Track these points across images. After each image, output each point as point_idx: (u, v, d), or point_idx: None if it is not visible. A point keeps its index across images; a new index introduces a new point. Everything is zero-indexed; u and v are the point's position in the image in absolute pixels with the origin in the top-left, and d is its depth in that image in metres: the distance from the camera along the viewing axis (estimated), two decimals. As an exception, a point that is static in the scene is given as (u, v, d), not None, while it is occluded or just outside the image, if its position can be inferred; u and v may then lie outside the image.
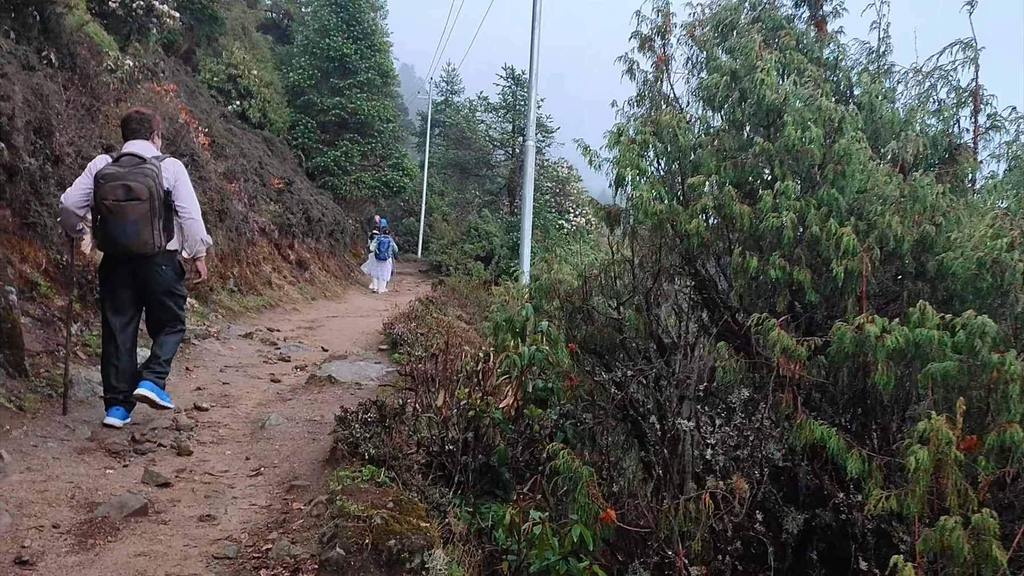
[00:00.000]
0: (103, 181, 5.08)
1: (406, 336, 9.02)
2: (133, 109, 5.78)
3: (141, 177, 5.07)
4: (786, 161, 3.88)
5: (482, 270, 30.69)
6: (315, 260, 20.05)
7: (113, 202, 5.02)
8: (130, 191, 5.02)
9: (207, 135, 16.37)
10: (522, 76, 38.67)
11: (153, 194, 5.07)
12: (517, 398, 4.54)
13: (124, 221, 5.03)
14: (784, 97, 3.89)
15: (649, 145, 4.25)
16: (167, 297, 5.47)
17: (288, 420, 5.84)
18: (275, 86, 27.43)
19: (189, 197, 5.40)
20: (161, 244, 5.19)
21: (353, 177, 29.33)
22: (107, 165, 5.18)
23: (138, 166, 5.13)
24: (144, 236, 5.08)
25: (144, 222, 5.06)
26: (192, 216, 5.37)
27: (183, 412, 5.93)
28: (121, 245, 5.13)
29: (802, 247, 3.71)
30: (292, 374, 8.12)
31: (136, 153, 5.22)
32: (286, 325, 12.18)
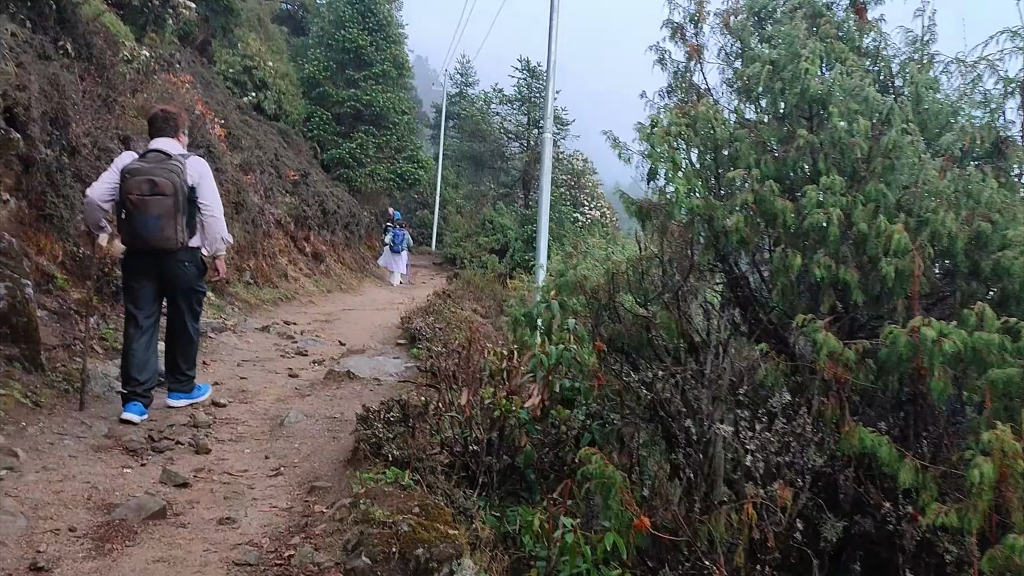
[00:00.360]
0: (129, 175, 5.14)
1: (424, 331, 8.90)
2: (160, 107, 5.82)
3: (166, 173, 5.14)
4: (831, 155, 3.72)
5: (497, 263, 30.55)
6: (331, 252, 19.96)
7: (138, 196, 5.09)
8: (155, 186, 5.10)
9: (223, 126, 16.29)
10: (537, 68, 38.45)
11: (177, 190, 5.15)
12: (544, 398, 4.41)
13: (148, 215, 5.11)
14: (829, 87, 3.72)
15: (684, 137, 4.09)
16: (188, 293, 5.55)
17: (307, 417, 5.73)
18: (290, 78, 27.33)
19: (212, 195, 5.47)
20: (184, 240, 5.26)
21: (368, 169, 29.23)
22: (133, 160, 5.26)
23: (163, 162, 5.20)
24: (167, 231, 5.15)
25: (168, 217, 5.13)
26: (215, 214, 5.44)
27: (200, 408, 5.83)
28: (144, 239, 5.20)
29: (848, 245, 3.55)
30: (310, 369, 8.02)
31: (162, 149, 5.30)
32: (303, 318, 12.09)
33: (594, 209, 36.86)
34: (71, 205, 7.76)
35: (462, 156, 44.26)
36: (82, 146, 8.16)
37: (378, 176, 29.64)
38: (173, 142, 5.45)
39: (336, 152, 28.63)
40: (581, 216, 35.58)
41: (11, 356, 5.39)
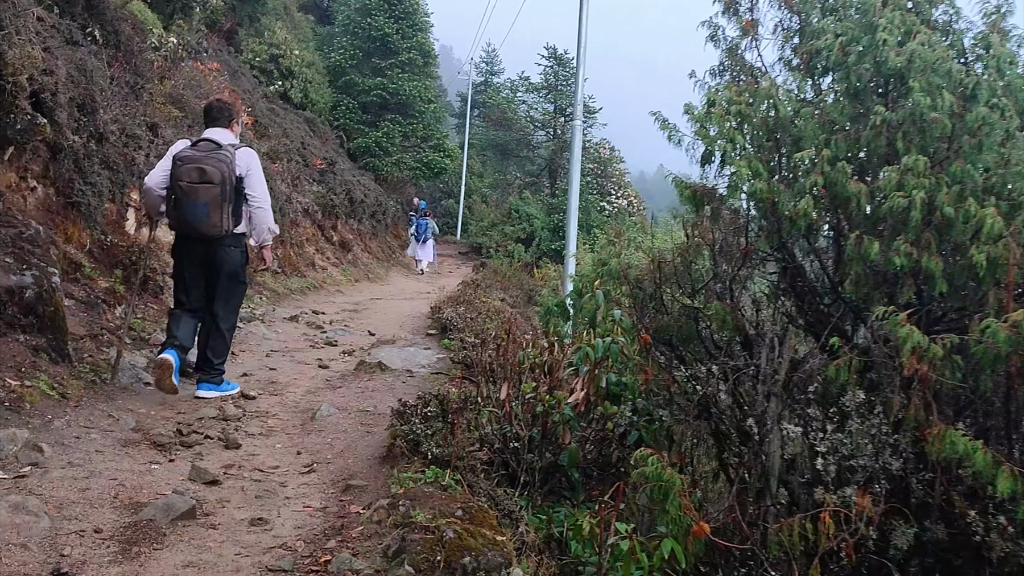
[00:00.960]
0: (180, 163, 5.32)
1: (455, 321, 8.70)
2: (216, 97, 6.05)
3: (215, 162, 5.29)
4: (910, 133, 3.44)
5: (523, 252, 30.37)
6: (358, 241, 19.84)
7: (187, 183, 5.26)
8: (204, 174, 5.25)
9: (250, 114, 16.19)
10: (564, 56, 38.13)
11: (225, 179, 5.29)
12: (588, 393, 4.18)
13: (196, 202, 5.27)
14: (908, 60, 3.44)
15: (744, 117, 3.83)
16: (230, 280, 5.64)
17: (339, 410, 5.54)
18: (316, 66, 27.19)
19: (260, 186, 5.59)
20: (229, 227, 5.39)
21: (394, 158, 29.06)
22: (185, 148, 5.44)
23: (214, 151, 5.35)
24: (213, 218, 5.29)
25: (214, 205, 5.27)
26: (262, 205, 5.57)
27: (230, 401, 5.66)
28: (191, 226, 5.37)
29: (931, 230, 3.28)
30: (340, 359, 7.85)
31: (213, 139, 5.46)
32: (331, 307, 11.94)
33: (621, 198, 36.51)
34: (99, 192, 7.63)
35: (487, 145, 44.01)
36: (110, 133, 8.01)
37: (404, 165, 29.47)
38: (226, 132, 5.61)
39: (362, 141, 28.47)
40: (608, 205, 35.23)
41: (38, 346, 5.25)
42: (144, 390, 5.67)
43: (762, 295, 4.54)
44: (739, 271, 4.34)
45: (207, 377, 5.66)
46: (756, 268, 4.87)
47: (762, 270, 4.88)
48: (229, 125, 5.69)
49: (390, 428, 4.42)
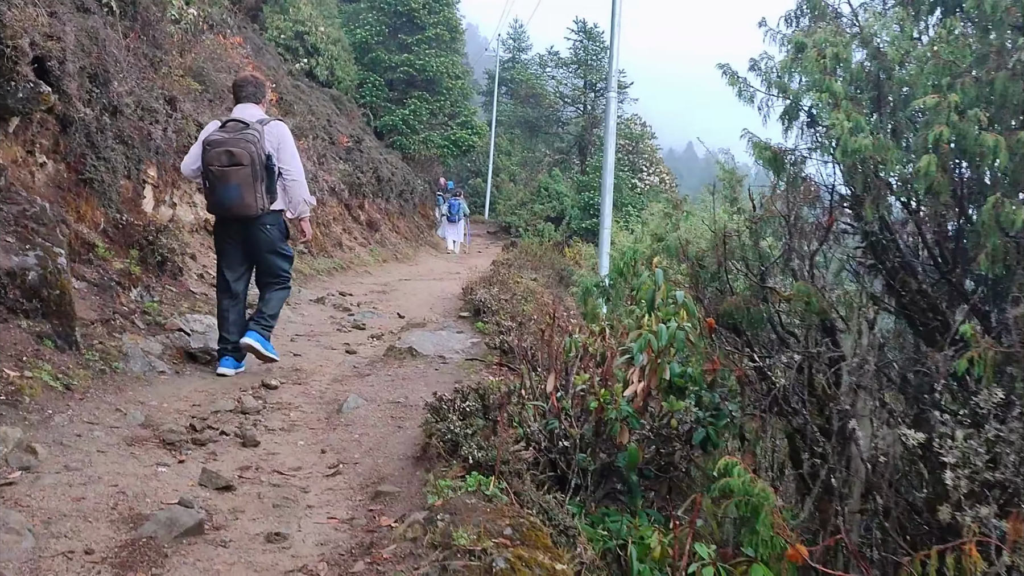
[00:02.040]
0: (209, 148, 5.36)
1: (489, 303, 8.20)
2: (247, 73, 6.20)
3: (243, 143, 5.29)
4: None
5: (552, 231, 29.84)
6: (385, 221, 19.40)
7: (218, 168, 5.30)
8: (232, 156, 5.27)
9: (275, 91, 15.75)
10: (594, 29, 37.28)
11: (254, 159, 5.30)
12: (649, 386, 3.67)
13: (228, 185, 5.30)
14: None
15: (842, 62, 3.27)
16: (273, 255, 5.73)
17: (368, 402, 5.08)
18: (342, 43, 26.65)
19: (293, 159, 5.62)
20: (264, 206, 5.44)
21: (421, 136, 28.54)
22: (214, 131, 5.44)
23: (241, 132, 5.35)
24: (247, 199, 5.33)
25: (247, 186, 5.30)
26: (296, 178, 5.61)
27: (250, 391, 5.23)
28: (226, 208, 5.43)
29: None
30: (368, 344, 7.40)
31: (240, 119, 5.45)
32: (358, 289, 11.51)
33: (652, 175, 35.75)
34: (113, 168, 7.21)
35: (515, 122, 43.32)
36: (124, 106, 7.58)
37: (432, 143, 28.94)
38: (255, 108, 5.63)
39: (389, 118, 27.96)
40: (639, 182, 34.48)
41: (42, 333, 4.84)
42: (158, 379, 5.26)
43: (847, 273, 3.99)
44: (821, 245, 3.79)
45: (256, 326, 5.70)
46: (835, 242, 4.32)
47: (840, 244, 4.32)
48: (261, 100, 5.71)
49: (424, 425, 3.94)
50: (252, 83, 5.73)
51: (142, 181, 8.05)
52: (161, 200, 8.63)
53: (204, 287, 8.05)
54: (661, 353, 3.63)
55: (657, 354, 3.58)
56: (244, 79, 5.78)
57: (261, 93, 5.75)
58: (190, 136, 9.15)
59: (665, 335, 3.53)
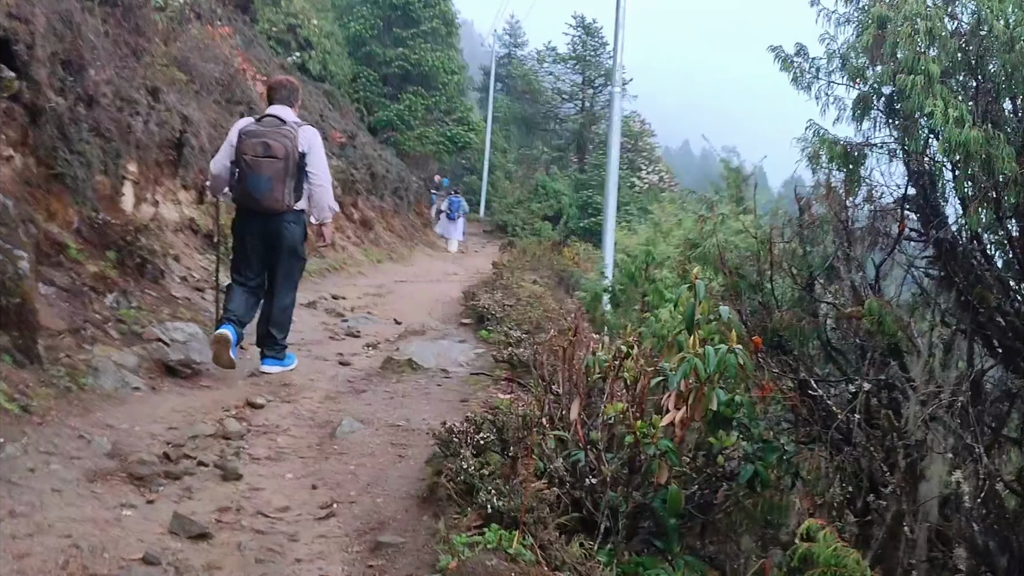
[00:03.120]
0: (245, 137, 5.40)
1: (493, 309, 7.70)
2: (283, 76, 6.23)
3: (280, 137, 5.38)
4: None
5: (550, 230, 29.38)
6: (380, 219, 18.87)
7: (252, 157, 5.35)
8: (268, 148, 5.34)
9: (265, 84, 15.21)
10: (592, 25, 36.78)
11: (289, 154, 5.38)
12: (691, 417, 3.17)
13: (260, 176, 5.36)
14: None
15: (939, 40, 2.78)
16: (290, 255, 5.74)
17: (364, 424, 4.57)
18: (335, 37, 26.11)
19: (321, 164, 5.68)
20: (290, 203, 5.49)
21: (416, 132, 28.04)
22: (250, 124, 5.55)
23: (278, 127, 5.44)
24: (276, 193, 5.38)
25: (278, 179, 5.37)
26: (323, 183, 5.67)
27: (233, 410, 4.72)
28: (255, 199, 5.44)
29: None
30: (363, 354, 6.89)
31: (278, 115, 5.54)
32: (352, 291, 10.99)
33: (652, 173, 35.28)
34: (88, 163, 6.67)
35: (512, 119, 42.75)
36: (101, 96, 7.05)
37: (427, 139, 28.45)
38: (289, 111, 5.68)
39: (383, 114, 27.45)
40: (638, 181, 33.98)
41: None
42: (131, 397, 4.73)
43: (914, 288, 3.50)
44: (889, 254, 3.30)
45: (271, 353, 5.69)
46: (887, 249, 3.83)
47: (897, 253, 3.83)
48: (293, 104, 5.78)
49: (432, 460, 3.44)
50: (287, 86, 5.84)
51: (121, 177, 7.51)
52: (142, 198, 8.10)
53: (187, 291, 7.52)
54: (708, 380, 3.14)
55: (703, 382, 3.08)
56: (279, 82, 5.91)
57: (295, 97, 5.86)
58: (173, 129, 8.64)
59: (713, 360, 3.04)
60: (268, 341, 5.72)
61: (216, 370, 5.76)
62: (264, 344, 5.73)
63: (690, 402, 3.13)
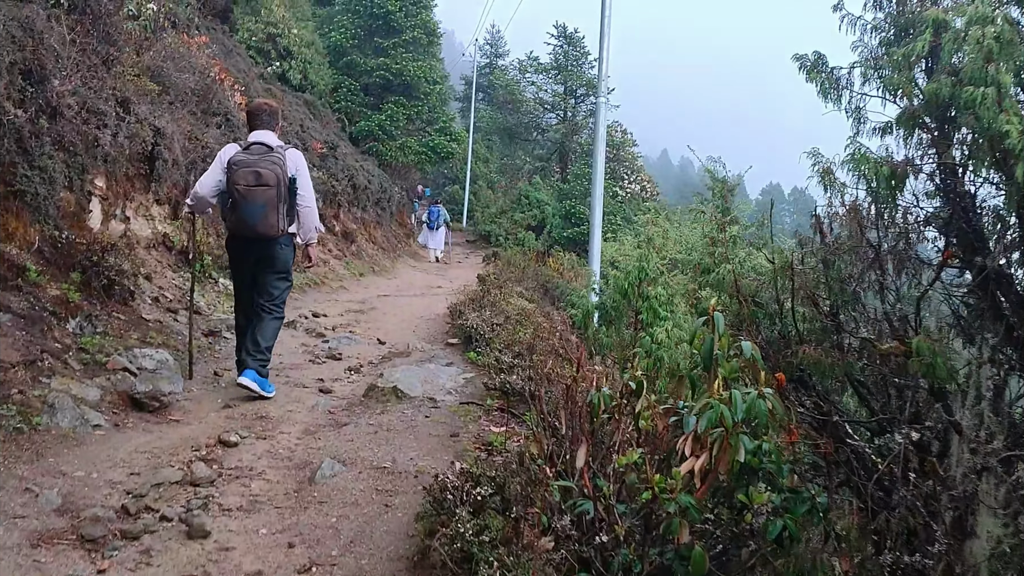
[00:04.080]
0: (235, 167, 5.46)
1: (481, 329, 7.33)
2: (262, 101, 6.09)
3: (270, 165, 5.47)
4: None
5: (533, 240, 29.02)
6: (362, 231, 18.46)
7: (245, 187, 5.43)
8: (260, 177, 5.43)
9: (244, 94, 14.79)
10: (575, 35, 36.56)
11: (280, 180, 5.49)
12: (718, 469, 2.82)
13: (254, 205, 5.43)
14: None
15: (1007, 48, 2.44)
16: (279, 277, 5.79)
17: (346, 466, 4.18)
18: (316, 46, 25.64)
19: (308, 187, 5.75)
20: (284, 227, 5.57)
21: (399, 142, 27.59)
22: (237, 153, 5.56)
23: (266, 155, 5.52)
24: (271, 219, 5.47)
25: (271, 206, 5.46)
26: (310, 205, 5.73)
27: (204, 450, 4.33)
28: (250, 227, 5.49)
29: None
30: (345, 379, 6.50)
31: (264, 142, 5.60)
32: (333, 308, 10.59)
33: (634, 183, 35.03)
34: (50, 179, 6.27)
35: (494, 129, 42.42)
36: (65, 107, 6.64)
37: (409, 149, 28.00)
38: (272, 135, 5.73)
39: (365, 124, 27.00)
40: (620, 190, 33.70)
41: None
42: (90, 437, 4.34)
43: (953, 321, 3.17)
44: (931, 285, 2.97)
45: (254, 363, 5.56)
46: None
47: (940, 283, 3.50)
48: (275, 128, 5.80)
49: (423, 519, 3.07)
50: (267, 111, 5.81)
51: (87, 192, 7.10)
52: (111, 214, 7.68)
53: (159, 313, 7.11)
54: (734, 429, 2.80)
55: (729, 429, 2.74)
56: (259, 107, 5.86)
57: (276, 120, 5.84)
58: (145, 142, 8.22)
59: (742, 407, 2.69)
60: (252, 348, 5.61)
61: (187, 402, 5.37)
62: (248, 354, 5.59)
63: (715, 453, 2.77)
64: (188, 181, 9.44)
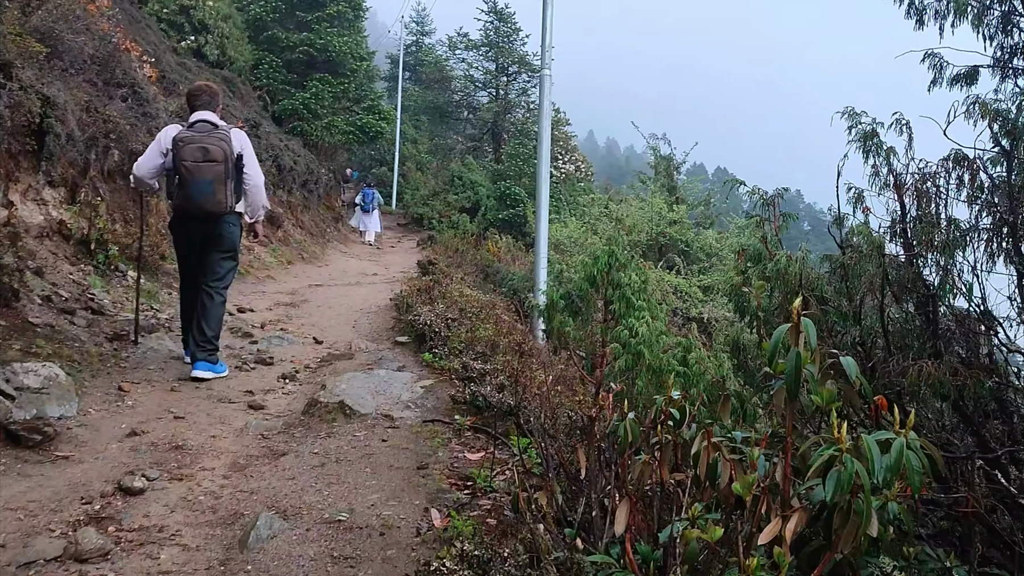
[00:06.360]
0: (182, 144, 5.44)
1: (436, 326, 6.39)
2: (203, 83, 6.05)
3: (217, 141, 5.47)
4: None
5: (468, 223, 28.06)
6: (288, 215, 17.23)
7: (192, 163, 5.41)
8: (207, 153, 5.43)
9: (155, 66, 13.42)
10: (505, 11, 35.52)
11: (227, 157, 5.48)
12: (839, 550, 1.99)
13: (202, 181, 5.43)
14: None
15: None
16: (225, 256, 5.75)
17: (289, 520, 3.21)
18: (234, 20, 24.04)
19: (254, 164, 5.75)
20: (231, 204, 5.59)
21: (324, 121, 26.17)
22: (182, 131, 5.53)
23: (212, 132, 5.52)
24: (219, 195, 5.47)
25: (219, 182, 5.46)
26: (257, 183, 5.76)
27: (97, 502, 3.31)
28: (197, 204, 5.48)
29: None
30: (279, 390, 5.51)
31: (209, 120, 5.62)
32: (261, 301, 9.49)
33: (568, 163, 34.33)
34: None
35: (423, 108, 41.12)
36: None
37: (336, 129, 26.63)
38: (214, 116, 5.70)
39: (288, 103, 25.49)
40: (555, 171, 32.92)
41: None
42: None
43: None
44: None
45: (203, 355, 5.53)
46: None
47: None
48: (216, 108, 5.78)
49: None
50: (207, 92, 5.79)
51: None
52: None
53: (51, 315, 5.96)
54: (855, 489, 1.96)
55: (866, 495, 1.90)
56: (199, 88, 5.85)
57: (216, 101, 5.82)
58: (31, 113, 6.99)
59: (882, 460, 1.85)
60: (200, 339, 5.56)
61: (82, 429, 4.32)
62: (196, 345, 5.56)
63: (836, 528, 1.93)
64: (88, 160, 8.24)
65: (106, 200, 8.49)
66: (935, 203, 2.76)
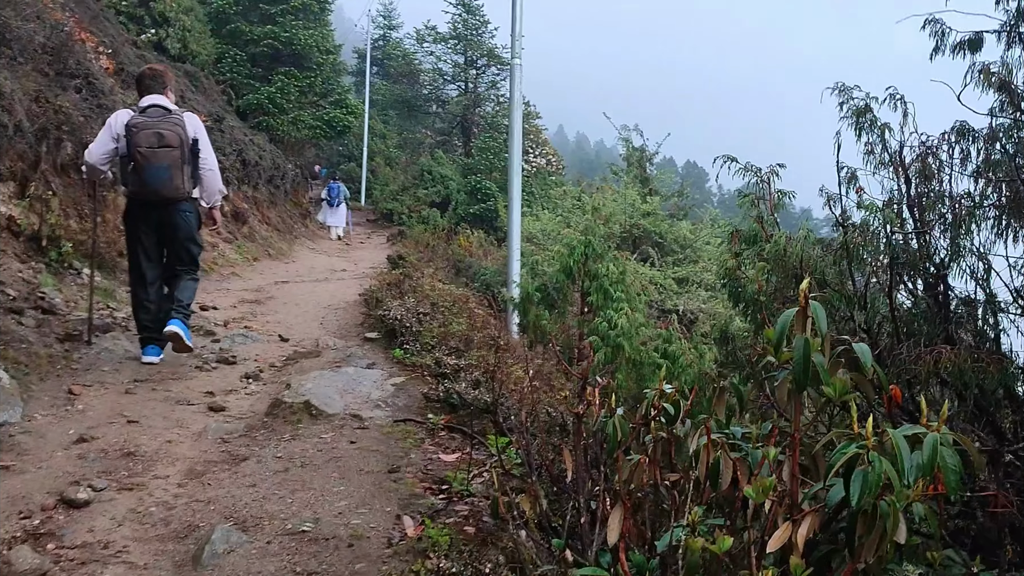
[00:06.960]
0: (135, 130, 5.30)
1: (407, 321, 6.13)
2: (148, 66, 6.04)
3: (171, 126, 5.36)
4: None
5: (438, 217, 27.76)
6: (254, 211, 16.80)
7: (148, 149, 5.28)
8: (162, 138, 5.31)
9: (112, 58, 12.98)
10: (472, 3, 35.18)
11: (183, 141, 5.38)
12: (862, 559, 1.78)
13: (158, 166, 5.31)
14: None
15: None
16: (189, 242, 5.70)
17: (248, 532, 2.95)
18: (196, 12, 23.48)
19: (209, 149, 5.69)
20: (188, 190, 5.50)
21: (291, 116, 25.67)
22: (135, 116, 5.37)
23: (165, 117, 5.39)
24: (176, 181, 5.37)
25: (175, 168, 5.36)
26: (212, 168, 5.68)
27: (36, 517, 3.02)
28: (153, 190, 5.38)
29: None
30: (241, 390, 5.22)
31: (161, 105, 5.47)
32: (224, 299, 9.16)
33: (539, 157, 34.14)
34: None
35: (391, 102, 40.66)
36: None
37: (303, 123, 26.15)
38: (165, 99, 5.59)
39: (253, 97, 24.96)
40: (526, 164, 32.69)
41: None
42: None
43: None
44: None
45: (179, 314, 5.51)
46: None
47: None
48: (165, 91, 5.66)
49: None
50: (152, 75, 5.71)
51: None
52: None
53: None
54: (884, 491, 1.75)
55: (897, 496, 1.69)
56: (144, 72, 5.78)
57: (164, 82, 5.70)
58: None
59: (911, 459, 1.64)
60: (176, 305, 5.55)
61: (25, 436, 4.01)
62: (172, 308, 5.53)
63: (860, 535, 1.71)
64: (39, 152, 7.86)
65: (59, 195, 8.10)
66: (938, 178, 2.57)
